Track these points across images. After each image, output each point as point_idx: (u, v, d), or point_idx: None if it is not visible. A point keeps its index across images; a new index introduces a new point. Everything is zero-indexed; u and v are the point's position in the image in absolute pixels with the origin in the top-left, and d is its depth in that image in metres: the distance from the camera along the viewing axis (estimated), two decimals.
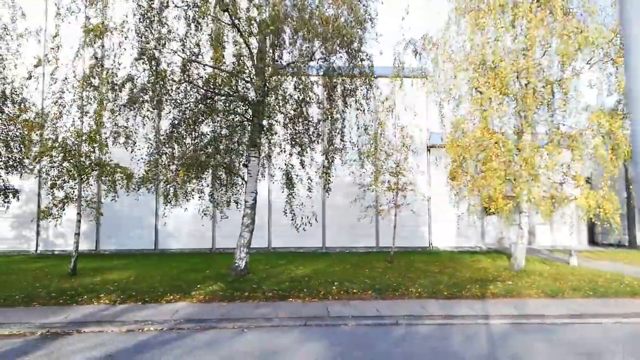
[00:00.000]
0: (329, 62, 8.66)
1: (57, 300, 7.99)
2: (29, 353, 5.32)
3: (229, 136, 9.97)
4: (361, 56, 8.85)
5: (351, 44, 8.47)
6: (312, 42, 8.63)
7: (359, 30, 8.60)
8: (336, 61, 8.70)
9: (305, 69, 9.00)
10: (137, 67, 9.21)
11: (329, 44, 8.24)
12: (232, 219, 18.17)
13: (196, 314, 7.16)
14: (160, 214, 18.82)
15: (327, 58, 8.61)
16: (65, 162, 10.51)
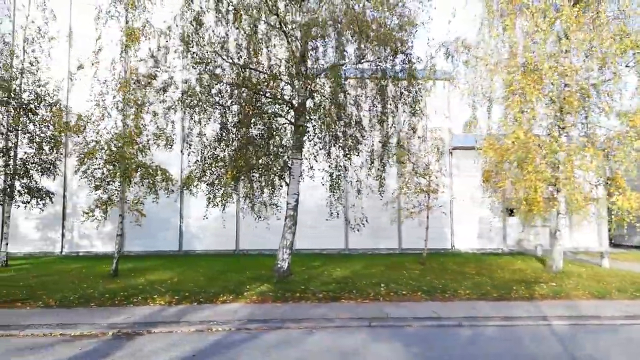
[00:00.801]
0: (378, 65, 8.71)
1: (112, 301, 8.06)
2: (111, 354, 5.38)
3: (272, 138, 10.04)
4: (411, 59, 8.91)
5: (401, 47, 8.54)
6: (360, 45, 8.71)
7: (410, 34, 8.67)
8: (385, 64, 8.75)
9: (351, 72, 9.08)
10: (192, 71, 9.28)
11: (377, 46, 8.32)
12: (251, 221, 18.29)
13: (256, 314, 7.21)
14: (185, 215, 18.94)
15: (378, 61, 8.66)
16: (108, 164, 10.58)
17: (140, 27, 10.97)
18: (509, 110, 10.07)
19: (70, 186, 18.30)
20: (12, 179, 12.76)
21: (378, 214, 18.60)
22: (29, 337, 6.13)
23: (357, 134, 9.35)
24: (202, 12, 9.20)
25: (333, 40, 8.95)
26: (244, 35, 9.23)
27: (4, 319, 6.90)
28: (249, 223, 18.59)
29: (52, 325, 6.60)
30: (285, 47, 9.83)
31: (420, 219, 16.12)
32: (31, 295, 8.43)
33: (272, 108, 9.80)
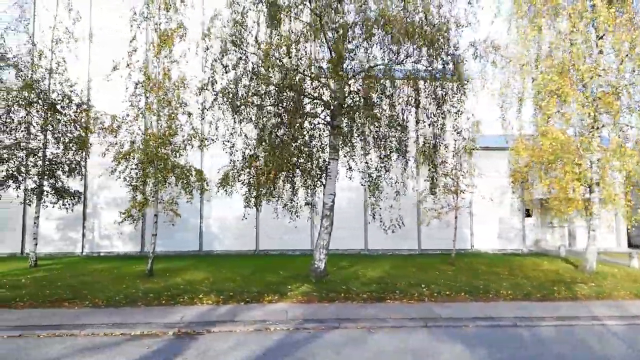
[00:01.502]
0: (424, 65, 8.72)
1: (159, 300, 8.07)
2: (181, 353, 5.39)
3: (311, 139, 10.06)
4: (458, 60, 8.92)
5: (448, 48, 8.55)
6: (402, 45, 8.72)
7: (454, 34, 8.69)
8: (427, 64, 8.75)
9: (392, 73, 9.10)
10: (238, 71, 9.29)
11: (422, 46, 8.34)
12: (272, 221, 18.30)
13: (308, 314, 7.21)
14: (205, 215, 18.94)
15: (422, 61, 8.67)
16: (145, 164, 10.57)
17: (174, 28, 11.00)
18: (545, 111, 10.07)
19: (90, 186, 18.30)
20: (41, 179, 12.77)
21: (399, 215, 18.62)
22: (90, 336, 6.13)
23: (399, 135, 9.35)
24: (244, 13, 9.21)
25: (374, 41, 8.95)
26: (286, 36, 9.24)
27: (58, 318, 6.91)
28: (266, 223, 18.74)
29: (108, 324, 6.60)
30: (322, 48, 9.85)
31: (442, 221, 16.20)
32: (76, 295, 8.43)
33: (311, 109, 9.79)
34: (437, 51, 8.58)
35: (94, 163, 15.34)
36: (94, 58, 17.08)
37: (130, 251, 18.31)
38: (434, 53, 8.56)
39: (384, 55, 9.21)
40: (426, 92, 9.02)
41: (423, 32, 8.23)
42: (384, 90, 9.12)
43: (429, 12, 8.56)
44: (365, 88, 9.18)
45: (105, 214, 18.41)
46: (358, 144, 9.87)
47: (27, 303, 7.83)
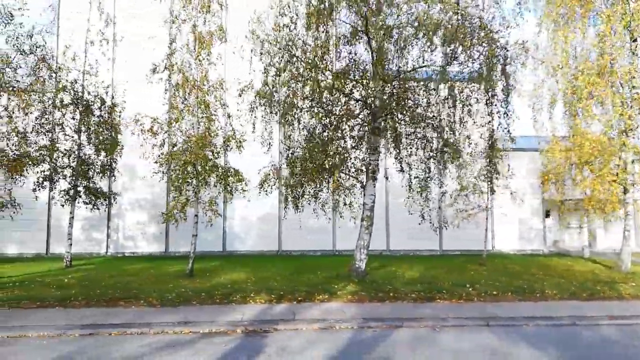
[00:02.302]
0: (471, 67, 8.81)
1: (212, 299, 8.16)
2: (262, 351, 5.47)
3: (353, 140, 10.17)
4: (503, 61, 9.01)
5: (495, 50, 8.65)
6: (446, 47, 8.83)
7: (502, 36, 8.80)
8: (477, 65, 8.85)
9: (435, 75, 9.20)
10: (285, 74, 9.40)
11: (470, 48, 8.44)
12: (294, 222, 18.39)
13: (366, 313, 7.29)
14: (228, 216, 19.01)
15: (470, 62, 8.76)
16: (187, 165, 10.65)
17: (214, 30, 11.11)
18: (585, 112, 10.17)
19: (115, 187, 18.38)
20: (75, 179, 12.86)
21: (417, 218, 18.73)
22: (161, 334, 6.22)
23: (447, 136, 9.45)
24: (293, 18, 9.32)
25: (419, 43, 9.05)
26: (333, 38, 9.37)
27: (122, 317, 6.99)
28: (290, 224, 18.82)
29: (174, 323, 6.69)
30: (365, 49, 9.96)
31: (462, 221, 16.25)
32: (127, 294, 8.51)
33: (353, 110, 9.90)
34: (489, 52, 8.65)
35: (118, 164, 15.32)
36: (121, 60, 17.22)
37: (154, 252, 18.39)
38: (486, 54, 8.63)
39: (428, 56, 9.30)
40: (474, 93, 9.11)
41: (472, 34, 8.33)
42: (429, 91, 9.21)
43: (471, 14, 8.67)
44: (407, 89, 9.26)
45: (129, 214, 18.50)
46: (400, 145, 9.95)
47: (83, 302, 7.92)
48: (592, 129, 10.76)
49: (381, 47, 9.16)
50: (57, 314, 7.18)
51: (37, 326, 6.47)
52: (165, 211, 10.95)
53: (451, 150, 9.21)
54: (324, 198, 11.14)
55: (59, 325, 6.52)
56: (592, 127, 10.87)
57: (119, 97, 13.12)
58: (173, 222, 10.88)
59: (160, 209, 18.56)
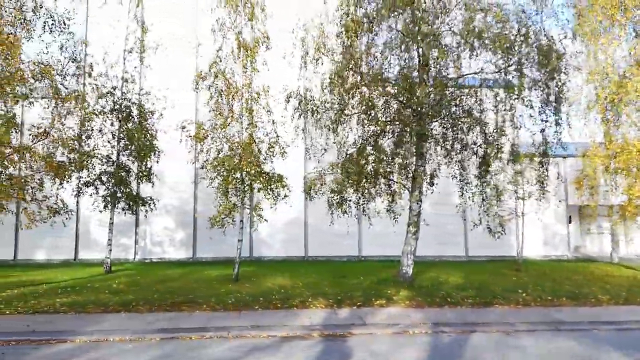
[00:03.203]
0: (521, 74, 8.95)
1: (273, 304, 8.23)
2: (351, 355, 5.54)
3: (396, 146, 10.31)
4: (562, 70, 9.14)
5: (545, 59, 8.79)
6: (498, 55, 9.00)
7: (558, 46, 8.93)
8: (537, 74, 8.97)
9: (486, 82, 9.37)
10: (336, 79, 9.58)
11: (528, 55, 8.60)
12: (320, 227, 18.47)
13: (431, 318, 7.36)
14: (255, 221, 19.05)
15: (522, 69, 8.90)
16: (235, 171, 10.75)
17: (259, 37, 11.30)
18: (630, 118, 10.31)
19: (143, 192, 18.51)
20: (114, 185, 12.97)
21: (445, 220, 18.83)
22: (240, 338, 6.28)
23: (498, 142, 9.57)
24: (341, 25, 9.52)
25: (467, 50, 9.22)
26: (381, 45, 9.56)
27: (192, 321, 7.07)
28: (318, 230, 18.93)
29: (247, 327, 6.76)
30: (408, 55, 10.14)
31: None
32: (186, 299, 8.57)
33: (400, 116, 10.05)
34: (544, 61, 8.79)
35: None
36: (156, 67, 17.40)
37: (182, 257, 18.46)
38: (542, 61, 8.79)
39: (479, 63, 9.47)
40: (524, 100, 9.24)
41: (530, 43, 8.52)
42: (476, 98, 9.38)
43: (530, 22, 8.87)
44: (457, 95, 9.42)
45: (156, 220, 18.55)
46: (453, 152, 10.04)
47: (147, 307, 7.99)
48: (632, 135, 10.89)
49: (426, 54, 9.35)
50: (127, 319, 7.26)
51: (114, 330, 6.54)
52: (215, 216, 10.96)
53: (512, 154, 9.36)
54: (366, 203, 11.25)
55: (135, 330, 6.59)
56: (632, 134, 11.00)
57: (159, 104, 13.27)
58: (221, 227, 10.95)
59: (188, 215, 18.74)
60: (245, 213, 11.44)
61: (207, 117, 11.41)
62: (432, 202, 17.54)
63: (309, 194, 11.08)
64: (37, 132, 8.57)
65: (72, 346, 5.93)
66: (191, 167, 18.44)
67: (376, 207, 11.60)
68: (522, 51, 8.71)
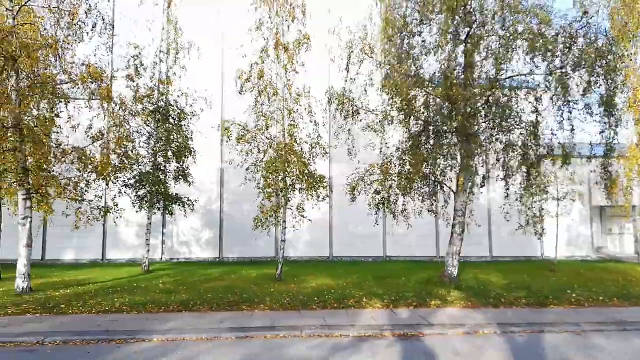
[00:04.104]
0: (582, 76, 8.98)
1: (329, 304, 8.29)
2: (437, 356, 5.60)
3: (441, 148, 10.36)
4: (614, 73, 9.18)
5: (603, 60, 8.83)
6: (549, 57, 9.05)
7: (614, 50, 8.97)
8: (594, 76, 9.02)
9: (533, 84, 9.42)
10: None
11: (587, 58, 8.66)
12: (345, 228, 18.53)
13: (494, 318, 7.41)
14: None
15: (580, 70, 8.92)
16: (278, 172, 10.82)
17: (301, 38, 11.36)
18: None
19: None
20: (152, 186, 13.04)
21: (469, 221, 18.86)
22: (313, 337, 6.34)
23: (546, 144, 9.64)
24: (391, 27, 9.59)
25: (519, 51, 9.27)
26: (427, 46, 9.63)
27: (257, 320, 7.12)
28: (342, 231, 19.01)
29: (316, 326, 6.81)
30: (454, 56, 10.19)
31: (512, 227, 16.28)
32: (241, 299, 8.63)
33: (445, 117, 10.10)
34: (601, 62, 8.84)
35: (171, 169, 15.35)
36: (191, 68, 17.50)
37: (208, 257, 18.53)
38: (598, 63, 8.83)
39: (523, 65, 9.53)
40: (577, 102, 9.30)
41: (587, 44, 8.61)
42: (528, 100, 9.44)
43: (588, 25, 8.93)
44: (507, 96, 9.49)
45: (183, 220, 18.60)
46: (502, 154, 10.08)
47: (207, 307, 8.05)
48: None
49: (470, 54, 9.43)
50: (193, 319, 7.31)
51: (187, 330, 6.59)
52: (259, 217, 11.03)
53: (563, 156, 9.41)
54: (407, 204, 11.31)
55: (207, 329, 6.65)
56: None
57: (196, 106, 13.35)
58: (265, 228, 11.02)
59: (214, 215, 18.82)
60: (288, 213, 11.47)
61: (244, 118, 11.49)
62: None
63: (353, 194, 11.12)
64: (94, 133, 8.63)
65: (153, 345, 6.00)
66: (217, 168, 18.69)
67: (415, 207, 11.68)
68: (575, 53, 8.76)
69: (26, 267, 9.06)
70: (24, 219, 8.91)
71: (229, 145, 11.36)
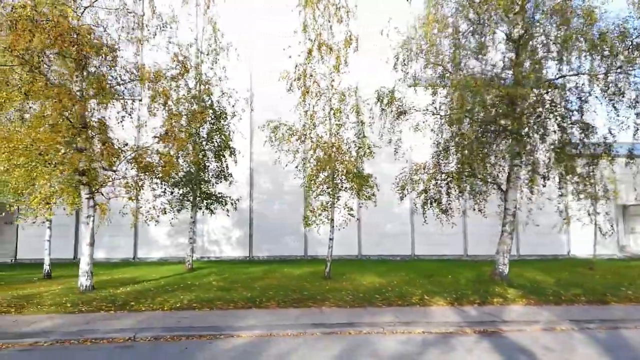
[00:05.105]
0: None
1: (393, 301, 8.41)
2: (529, 352, 5.72)
3: (490, 145, 10.47)
4: None
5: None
6: (602, 57, 9.16)
7: None
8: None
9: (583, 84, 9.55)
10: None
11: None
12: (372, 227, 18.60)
13: (561, 315, 7.53)
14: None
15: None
16: (322, 172, 10.94)
17: (347, 39, 11.47)
18: None
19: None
20: (194, 186, 13.15)
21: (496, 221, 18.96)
22: (395, 334, 6.44)
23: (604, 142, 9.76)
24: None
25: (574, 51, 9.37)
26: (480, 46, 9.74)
27: (331, 317, 7.24)
28: (370, 230, 19.13)
29: (393, 323, 6.93)
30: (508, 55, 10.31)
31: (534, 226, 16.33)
32: (302, 296, 8.73)
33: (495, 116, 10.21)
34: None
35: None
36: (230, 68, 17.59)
37: (238, 256, 18.66)
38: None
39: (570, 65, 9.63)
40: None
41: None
42: (582, 99, 9.57)
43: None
44: (560, 95, 9.60)
45: (212, 219, 18.70)
46: (560, 153, 10.16)
47: (273, 304, 8.17)
48: None
49: (520, 53, 9.55)
50: (268, 315, 7.42)
51: (272, 326, 6.70)
52: (307, 216, 11.16)
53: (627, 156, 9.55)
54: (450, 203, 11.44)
55: (287, 325, 6.76)
56: None
57: (238, 106, 13.46)
58: (315, 226, 11.14)
59: (244, 214, 18.92)
60: (335, 212, 11.58)
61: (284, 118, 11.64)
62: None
63: (402, 193, 11.24)
64: (160, 133, 8.74)
65: (245, 341, 6.11)
66: (246, 167, 18.78)
67: (460, 206, 11.80)
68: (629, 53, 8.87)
69: (89, 265, 9.19)
70: (87, 217, 9.03)
71: (273, 145, 11.44)
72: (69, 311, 7.62)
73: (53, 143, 7.26)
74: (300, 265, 15.52)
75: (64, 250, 17.91)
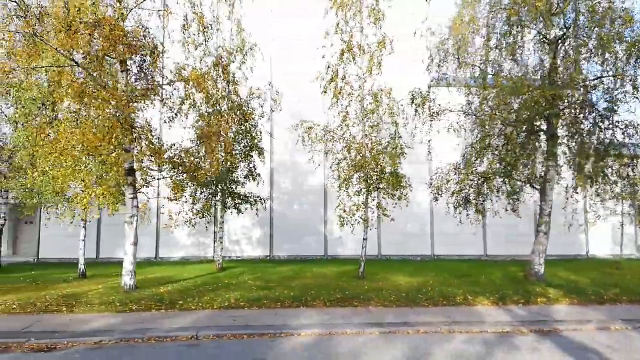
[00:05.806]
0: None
1: (437, 300, 8.47)
2: (593, 350, 5.78)
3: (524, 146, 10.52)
4: None
5: None
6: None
7: None
8: None
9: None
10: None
11: None
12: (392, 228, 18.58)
13: (609, 315, 7.57)
14: (329, 220, 19.30)
15: None
16: (356, 172, 11.01)
17: (381, 41, 11.52)
18: None
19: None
20: (225, 185, 13.21)
21: (515, 222, 18.99)
22: (453, 333, 6.51)
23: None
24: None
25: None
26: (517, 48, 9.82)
27: (381, 317, 7.30)
28: (390, 230, 19.16)
29: (446, 322, 6.98)
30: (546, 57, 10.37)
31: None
32: (352, 295, 8.79)
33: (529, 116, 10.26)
34: None
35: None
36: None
37: (259, 255, 18.74)
38: None
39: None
40: None
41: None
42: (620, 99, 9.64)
43: None
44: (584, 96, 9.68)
45: (233, 219, 18.77)
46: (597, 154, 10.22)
47: (319, 303, 8.22)
48: None
49: (555, 55, 9.61)
50: (318, 314, 7.47)
51: (330, 325, 6.76)
52: (341, 216, 11.21)
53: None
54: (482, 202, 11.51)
55: (343, 324, 6.82)
56: None
57: (267, 107, 13.53)
58: (350, 226, 11.20)
59: (265, 214, 18.97)
60: (370, 212, 11.64)
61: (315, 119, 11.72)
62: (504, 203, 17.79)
63: (438, 194, 11.32)
64: (206, 132, 8.78)
65: (308, 339, 6.17)
66: (267, 167, 18.83)
67: (493, 207, 11.87)
68: None
69: (132, 265, 9.24)
70: (131, 217, 9.10)
71: (306, 145, 11.50)
72: (120, 310, 7.68)
73: (106, 144, 7.32)
74: (324, 265, 15.59)
75: (88, 249, 17.96)
